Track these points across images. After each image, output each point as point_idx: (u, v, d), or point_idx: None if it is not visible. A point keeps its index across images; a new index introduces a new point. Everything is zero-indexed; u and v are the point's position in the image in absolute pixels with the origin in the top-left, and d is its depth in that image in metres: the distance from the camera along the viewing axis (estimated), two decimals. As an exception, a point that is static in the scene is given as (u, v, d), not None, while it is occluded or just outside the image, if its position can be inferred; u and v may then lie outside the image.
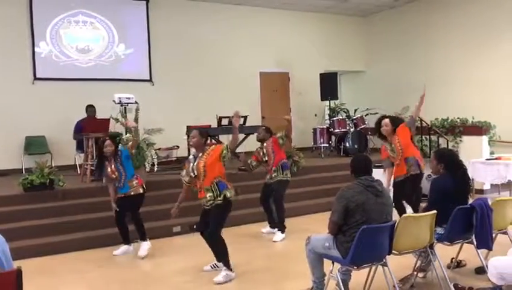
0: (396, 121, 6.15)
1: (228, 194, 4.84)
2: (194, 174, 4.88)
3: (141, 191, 5.82)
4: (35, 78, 9.57)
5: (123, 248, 5.92)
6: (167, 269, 5.36)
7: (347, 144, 10.45)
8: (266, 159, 6.48)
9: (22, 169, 8.68)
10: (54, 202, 6.74)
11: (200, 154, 4.90)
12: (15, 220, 6.24)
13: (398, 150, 5.94)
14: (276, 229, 6.43)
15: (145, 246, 5.83)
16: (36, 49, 9.59)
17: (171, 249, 6.13)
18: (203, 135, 5.03)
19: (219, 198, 4.79)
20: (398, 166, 6.00)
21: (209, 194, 4.79)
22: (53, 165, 8.04)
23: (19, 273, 2.59)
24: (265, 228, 6.77)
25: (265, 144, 6.51)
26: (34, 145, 9.30)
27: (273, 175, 6.41)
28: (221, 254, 4.90)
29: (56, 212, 6.59)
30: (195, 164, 4.89)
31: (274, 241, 6.27)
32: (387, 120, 6.06)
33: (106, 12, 10.25)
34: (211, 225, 4.85)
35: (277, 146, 6.47)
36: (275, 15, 12.08)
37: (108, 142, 5.78)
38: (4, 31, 9.25)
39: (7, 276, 2.45)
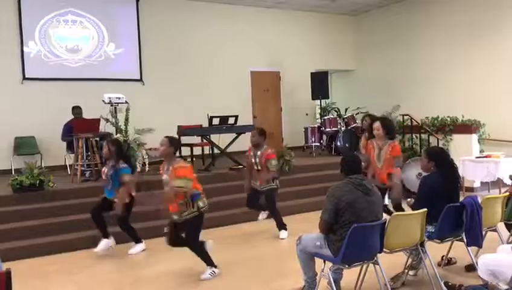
0: (388, 126, 5.82)
1: (201, 205, 4.71)
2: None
3: (126, 200, 5.69)
4: (24, 78, 9.48)
5: (103, 242, 5.83)
6: (157, 270, 5.34)
7: (338, 143, 10.47)
8: (259, 168, 6.28)
9: (12, 170, 8.60)
10: (43, 203, 6.69)
11: (168, 168, 4.67)
12: (4, 222, 6.19)
13: (385, 159, 5.64)
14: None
15: (137, 248, 5.81)
16: (25, 49, 9.50)
17: (161, 249, 6.09)
18: (173, 144, 4.72)
19: (193, 209, 4.65)
20: (380, 175, 5.71)
21: (182, 208, 4.63)
22: (43, 165, 7.96)
23: (8, 275, 2.57)
24: (261, 215, 6.80)
25: (259, 153, 6.24)
26: (24, 145, 9.22)
27: (262, 184, 6.28)
28: (203, 257, 4.86)
29: (46, 213, 6.53)
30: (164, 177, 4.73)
31: (281, 239, 6.27)
32: (378, 124, 5.78)
33: (96, 12, 10.17)
34: (190, 239, 4.75)
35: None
36: (266, 14, 12.09)
37: (106, 145, 5.82)
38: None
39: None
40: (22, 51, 9.47)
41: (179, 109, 10.43)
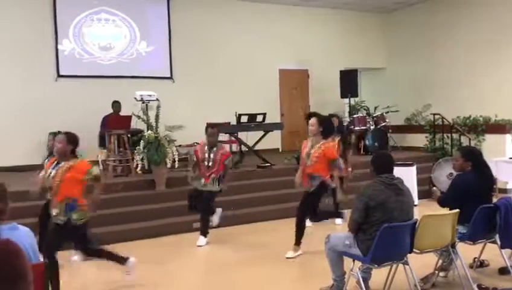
0: (326, 125, 5.54)
1: (74, 217, 4.29)
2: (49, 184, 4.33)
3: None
4: (59, 76, 9.73)
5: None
6: (186, 265, 5.41)
7: (367, 142, 10.38)
8: (210, 164, 6.07)
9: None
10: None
11: (62, 164, 4.33)
12: (36, 216, 6.35)
13: (312, 159, 5.40)
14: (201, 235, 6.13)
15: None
16: (59, 47, 9.75)
17: (192, 244, 6.17)
18: (70, 142, 4.37)
19: (62, 218, 4.31)
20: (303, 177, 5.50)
21: (56, 211, 4.32)
22: (76, 161, 8.15)
23: (46, 266, 2.67)
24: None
25: (214, 149, 6.10)
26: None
27: (207, 183, 6.07)
28: (115, 259, 4.64)
29: (79, 207, 6.69)
30: (52, 173, 4.35)
31: (198, 246, 5.99)
32: (314, 120, 5.44)
33: (128, 10, 10.36)
34: (81, 245, 4.55)
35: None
36: (295, 12, 12.05)
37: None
38: (28, 29, 9.42)
39: (35, 268, 2.52)
40: (57, 49, 9.72)
41: (207, 106, 10.52)
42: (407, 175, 7.03)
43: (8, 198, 2.52)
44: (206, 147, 6.12)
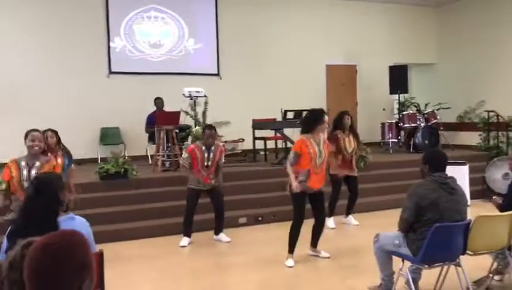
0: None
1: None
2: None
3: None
4: (110, 72, 10.03)
5: None
6: (238, 258, 5.48)
7: (417, 140, 10.11)
8: (209, 164, 5.93)
9: (98, 158, 9.16)
10: (127, 191, 7.06)
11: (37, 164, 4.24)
12: (92, 207, 6.59)
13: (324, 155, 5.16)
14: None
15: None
16: (111, 44, 10.05)
17: (237, 239, 6.23)
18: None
19: None
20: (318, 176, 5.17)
21: None
22: (126, 155, 8.41)
23: (101, 256, 2.77)
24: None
25: (213, 148, 5.94)
26: (109, 136, 9.78)
27: (212, 181, 5.99)
28: None
29: (129, 200, 6.91)
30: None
31: (181, 246, 5.93)
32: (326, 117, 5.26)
33: (177, 8, 10.53)
34: None
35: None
36: (342, 6, 11.88)
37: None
38: (82, 27, 9.75)
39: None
40: (109, 47, 10.03)
41: (254, 102, 10.55)
42: (459, 174, 6.75)
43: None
44: (204, 148, 5.93)
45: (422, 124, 10.26)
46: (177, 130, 8.39)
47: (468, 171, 7.89)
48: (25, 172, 4.21)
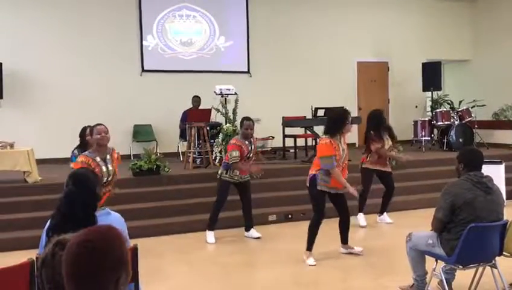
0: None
1: None
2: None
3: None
4: (143, 70, 10.19)
5: None
6: (269, 255, 5.50)
7: (451, 138, 9.90)
8: (251, 155, 5.93)
9: (130, 155, 9.33)
10: (159, 187, 7.18)
11: (108, 157, 4.55)
12: (125, 202, 6.70)
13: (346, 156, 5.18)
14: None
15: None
16: (144, 43, 10.21)
17: (266, 236, 6.24)
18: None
19: None
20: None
21: None
22: (158, 152, 8.54)
23: (135, 250, 2.83)
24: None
25: (251, 140, 5.93)
26: (141, 133, 9.95)
27: (244, 175, 5.98)
28: None
29: (162, 196, 7.01)
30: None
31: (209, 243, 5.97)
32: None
33: (208, 6, 10.61)
34: None
35: None
36: (373, 2, 11.71)
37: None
38: (116, 26, 9.94)
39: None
40: (142, 45, 10.19)
41: (283, 100, 10.54)
42: (495, 173, 6.59)
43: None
44: (245, 141, 5.87)
45: (456, 122, 10.04)
46: (208, 127, 8.46)
47: (504, 171, 7.68)
48: (104, 168, 4.44)
